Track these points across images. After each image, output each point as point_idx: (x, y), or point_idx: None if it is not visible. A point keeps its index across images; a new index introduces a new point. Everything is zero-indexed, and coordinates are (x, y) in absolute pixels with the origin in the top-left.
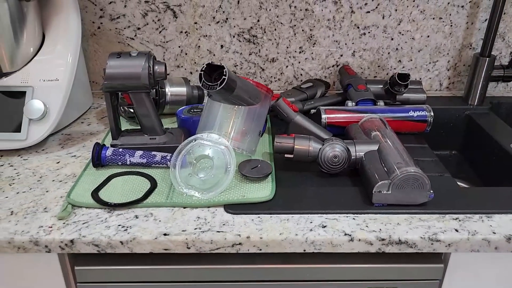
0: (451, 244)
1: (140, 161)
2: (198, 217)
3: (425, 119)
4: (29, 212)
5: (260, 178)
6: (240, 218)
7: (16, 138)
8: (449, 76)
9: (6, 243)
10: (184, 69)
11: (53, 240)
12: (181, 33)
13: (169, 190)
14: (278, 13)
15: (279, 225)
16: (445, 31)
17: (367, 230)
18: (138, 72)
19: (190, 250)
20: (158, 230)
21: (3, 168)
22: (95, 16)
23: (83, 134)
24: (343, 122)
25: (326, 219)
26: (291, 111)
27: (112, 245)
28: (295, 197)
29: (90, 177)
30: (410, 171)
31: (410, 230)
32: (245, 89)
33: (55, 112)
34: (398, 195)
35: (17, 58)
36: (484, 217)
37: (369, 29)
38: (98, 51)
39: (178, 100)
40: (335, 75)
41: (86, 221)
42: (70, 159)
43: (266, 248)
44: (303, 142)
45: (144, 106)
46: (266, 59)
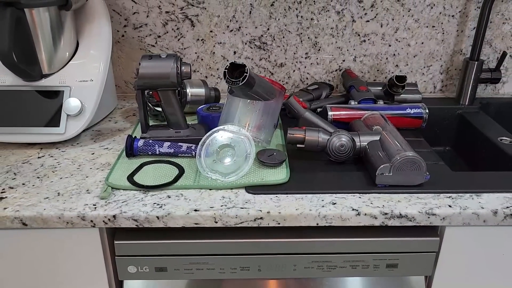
0: (445, 218)
1: (168, 151)
2: (223, 197)
3: (421, 115)
4: (73, 193)
5: (276, 164)
6: (260, 197)
7: (55, 132)
8: (442, 79)
9: (56, 218)
10: (200, 74)
11: (98, 215)
12: (197, 41)
13: (195, 175)
14: (286, 22)
15: (294, 203)
16: (438, 38)
17: (372, 206)
18: (168, 72)
19: (217, 224)
20: (189, 207)
21: (45, 159)
22: (119, 25)
23: (112, 130)
24: (347, 118)
25: (335, 198)
26: (301, 107)
27: (149, 219)
28: (308, 180)
29: (124, 165)
30: (408, 155)
31: (409, 206)
32: (262, 85)
33: (90, 109)
34: (398, 176)
35: (55, 61)
36: (474, 195)
37: (368, 36)
38: (121, 57)
39: (197, 100)
40: (338, 79)
41: (125, 200)
42: (103, 151)
43: (284, 222)
44: (313, 134)
45: (171, 102)
46: (275, 64)
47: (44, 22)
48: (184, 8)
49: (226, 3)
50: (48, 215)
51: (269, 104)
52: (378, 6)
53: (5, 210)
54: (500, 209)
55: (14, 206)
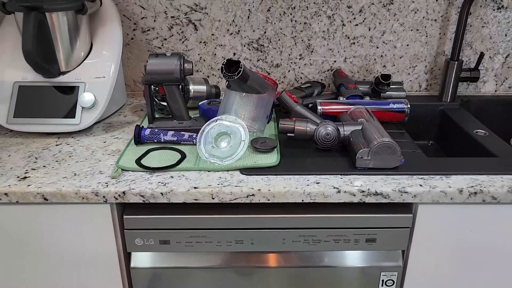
0: (416, 195)
1: (172, 139)
2: (220, 177)
3: (403, 110)
4: (88, 174)
5: (268, 150)
6: (253, 177)
7: (71, 123)
8: (427, 79)
9: (73, 194)
10: (202, 73)
11: (109, 191)
12: (200, 43)
13: (196, 159)
14: (282, 26)
15: (283, 182)
16: (422, 41)
17: (351, 185)
18: (172, 68)
19: (214, 200)
20: (189, 185)
21: (62, 146)
22: (129, 29)
23: (121, 123)
24: (335, 112)
25: (319, 178)
26: (293, 101)
27: (154, 195)
28: (296, 164)
29: (132, 151)
30: (385, 140)
31: (385, 185)
32: (256, 80)
33: (102, 103)
34: (375, 160)
35: (71, 60)
36: (443, 177)
37: (357, 39)
38: (130, 59)
39: (199, 96)
40: (330, 78)
41: (133, 179)
42: (114, 140)
43: (273, 199)
44: (302, 124)
45: (175, 96)
46: (271, 65)
47: (63, 25)
48: (188, 13)
49: (226, 9)
50: (66, 191)
51: (263, 97)
52: (366, 11)
53: (28, 187)
54: (465, 188)
55: (37, 183)
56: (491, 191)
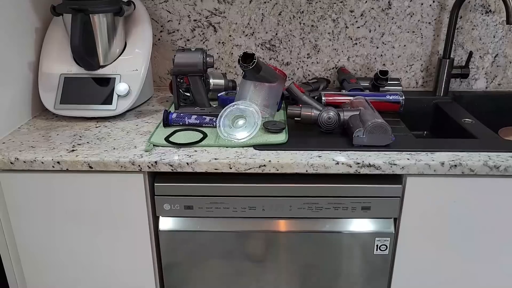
0: (404, 167)
1: (195, 122)
2: (236, 152)
3: (398, 101)
4: (125, 148)
5: (278, 130)
6: (265, 152)
7: (108, 108)
8: (423, 76)
9: (114, 163)
10: (220, 71)
11: (143, 161)
12: (219, 43)
13: (216, 138)
14: (291, 28)
15: (290, 156)
16: (418, 42)
17: (348, 159)
18: (196, 61)
19: (231, 170)
20: (211, 157)
21: (101, 128)
22: (157, 30)
23: (150, 111)
24: (338, 102)
25: (321, 153)
26: (300, 92)
27: (181, 165)
28: (301, 142)
29: (161, 131)
30: (378, 121)
31: (377, 159)
32: (268, 71)
33: (135, 92)
34: (370, 138)
35: (108, 56)
36: (428, 153)
37: (359, 40)
38: (157, 57)
39: (218, 89)
40: (334, 75)
41: (163, 152)
42: (145, 124)
43: (282, 169)
44: (307, 109)
45: (198, 86)
46: (282, 63)
47: (103, 25)
48: (208, 17)
49: (242, 13)
50: (108, 160)
51: (273, 86)
52: (366, 15)
53: (76, 157)
54: (447, 161)
55: (83, 155)
56: (469, 164)
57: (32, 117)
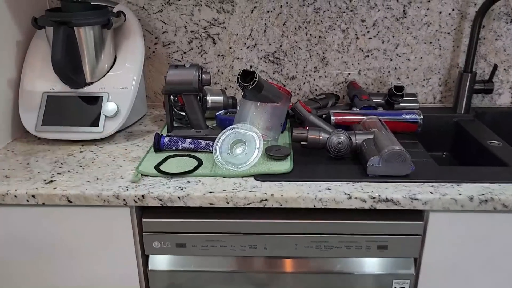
0: (426, 202)
1: (190, 146)
2: (234, 183)
3: (416, 120)
4: (110, 178)
5: (282, 157)
6: (266, 183)
7: (94, 131)
8: (441, 91)
9: (96, 197)
10: (220, 85)
11: (130, 195)
12: (218, 56)
13: (212, 166)
14: (297, 40)
15: (295, 188)
16: (435, 53)
17: (362, 192)
18: (190, 79)
19: (229, 205)
20: (205, 190)
21: (86, 153)
22: (151, 42)
23: (142, 132)
24: (348, 122)
25: (331, 185)
26: (306, 111)
27: (172, 199)
28: (308, 171)
29: (152, 157)
30: (395, 148)
31: (395, 192)
32: (270, 89)
33: (124, 112)
34: (386, 167)
35: (96, 72)
36: (454, 185)
37: (371, 52)
38: (151, 71)
39: (217, 107)
40: (344, 90)
41: (152, 184)
42: (135, 148)
43: (286, 204)
44: (315, 132)
45: (193, 106)
46: (287, 77)
47: (89, 39)
48: (207, 28)
49: (244, 23)
50: (89, 193)
51: (277, 106)
52: (379, 24)
53: (54, 190)
54: (476, 196)
55: (62, 186)
56: (502, 199)
57: (12, 139)
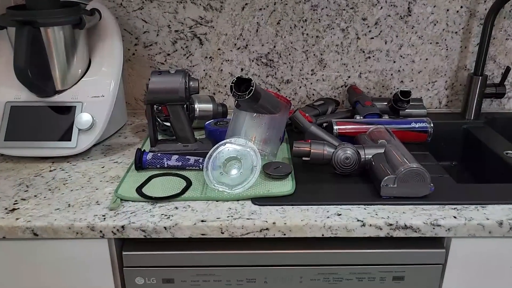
0: (450, 229)
1: (176, 164)
2: (229, 208)
3: (426, 129)
4: (83, 205)
5: (282, 176)
6: (266, 208)
7: (66, 146)
8: (447, 95)
9: (66, 229)
10: (208, 90)
11: (107, 225)
12: (206, 58)
13: (202, 187)
14: (292, 40)
15: (300, 214)
16: (442, 55)
17: (377, 217)
18: (176, 87)
19: (224, 235)
20: (196, 218)
21: (56, 172)
22: (130, 43)
23: (122, 145)
24: (352, 132)
25: (341, 209)
26: (307, 121)
27: (157, 230)
28: (313, 192)
29: (133, 177)
30: (412, 166)
31: (414, 217)
32: (268, 99)
33: (101, 124)
34: (403, 188)
35: (68, 78)
36: (479, 207)
37: (373, 53)
38: (132, 75)
39: (205, 115)
40: (344, 95)
41: (134, 211)
42: (113, 165)
43: (290, 233)
44: (319, 147)
45: (179, 117)
46: (281, 81)
47: (59, 41)
48: (193, 27)
49: (234, 22)
50: (58, 225)
51: (275, 117)
52: (382, 23)
53: (17, 221)
54: (505, 220)
55: (26, 216)
56: None
57: None
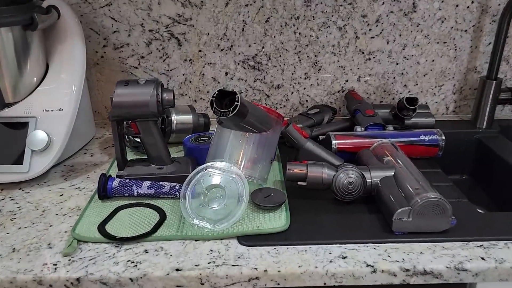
0: (478, 274)
1: (148, 192)
2: (211, 250)
3: (437, 143)
4: (32, 249)
5: (274, 207)
6: (256, 250)
7: (18, 170)
8: (455, 100)
9: (8, 283)
10: (188, 97)
11: (58, 278)
12: (185, 61)
13: (179, 222)
14: (283, 40)
15: (297, 257)
16: (450, 55)
17: (390, 260)
18: (147, 100)
19: (204, 286)
20: (169, 265)
21: (4, 202)
22: (98, 45)
23: (87, 165)
24: (353, 147)
25: (345, 250)
26: (302, 137)
27: (121, 282)
28: (311, 226)
29: (96, 209)
30: (430, 196)
31: (435, 260)
32: (256, 115)
33: (59, 143)
34: (419, 222)
35: (20, 88)
36: (509, 243)
37: (374, 54)
38: (100, 81)
39: (184, 129)
40: (341, 101)
41: (93, 257)
42: (74, 191)
43: (285, 282)
44: (317, 169)
45: (152, 135)
46: (271, 86)
47: (7, 44)
48: (169, 26)
49: (216, 20)
50: None
51: (265, 136)
52: (384, 21)
53: None
54: None
55: None
56: None
57: None
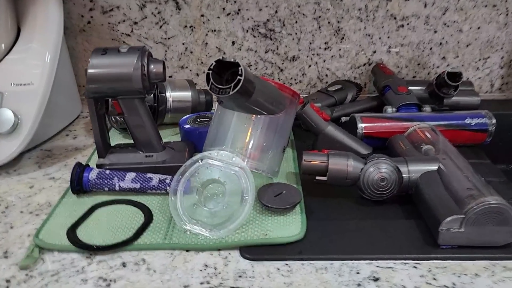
0: None
1: (132, 186)
2: (205, 265)
3: (486, 127)
4: None
5: (286, 209)
6: (262, 266)
7: None
8: (503, 75)
9: None
10: (189, 70)
11: None
12: (185, 28)
13: (168, 225)
14: (300, 3)
15: (314, 277)
16: (500, 21)
17: (437, 285)
18: (129, 73)
19: None
20: (151, 285)
21: None
22: (84, 8)
23: (67, 150)
24: (384, 132)
25: (377, 268)
26: (321, 120)
27: None
28: (333, 235)
29: (68, 207)
30: (489, 201)
31: (495, 285)
32: (266, 93)
33: (29, 124)
34: (473, 234)
35: None
36: None
37: (408, 20)
38: (88, 50)
39: (182, 107)
40: (367, 76)
41: (57, 271)
42: (47, 183)
43: None
44: (340, 161)
45: (138, 115)
46: (285, 58)
47: None
48: None
49: None
50: None
51: (276, 118)
52: None
53: None
54: None
55: None
56: None
57: None
